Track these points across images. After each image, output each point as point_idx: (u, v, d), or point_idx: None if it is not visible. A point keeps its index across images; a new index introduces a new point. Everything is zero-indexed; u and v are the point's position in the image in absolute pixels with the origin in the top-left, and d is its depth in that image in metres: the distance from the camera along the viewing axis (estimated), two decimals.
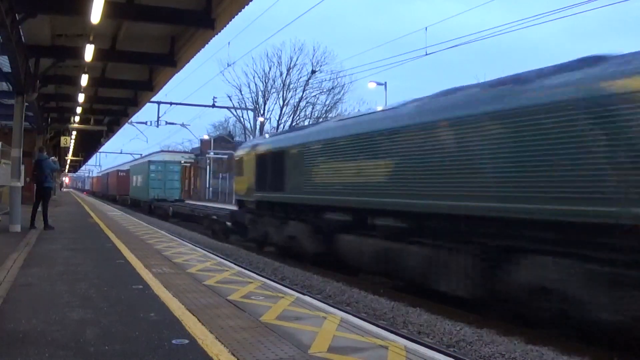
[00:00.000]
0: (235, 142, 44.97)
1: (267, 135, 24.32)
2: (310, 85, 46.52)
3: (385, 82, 31.57)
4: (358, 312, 8.94)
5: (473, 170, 8.17)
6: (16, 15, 11.10)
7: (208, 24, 12.30)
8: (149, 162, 38.39)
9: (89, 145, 44.10)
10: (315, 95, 47.26)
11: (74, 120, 27.28)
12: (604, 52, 7.22)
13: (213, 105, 38.24)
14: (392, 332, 6.03)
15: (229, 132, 52.30)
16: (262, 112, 46.98)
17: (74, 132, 31.66)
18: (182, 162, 44.22)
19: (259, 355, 4.23)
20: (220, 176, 49.41)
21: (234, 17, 12.23)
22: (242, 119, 49.22)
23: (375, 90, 33.85)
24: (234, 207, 19.68)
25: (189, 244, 13.04)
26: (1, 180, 18.53)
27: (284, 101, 47.97)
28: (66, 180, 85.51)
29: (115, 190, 53.19)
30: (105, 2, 9.85)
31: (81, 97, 20.10)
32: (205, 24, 12.38)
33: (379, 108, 14.16)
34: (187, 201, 38.60)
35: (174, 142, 67.00)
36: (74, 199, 44.58)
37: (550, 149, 6.98)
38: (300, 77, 47.14)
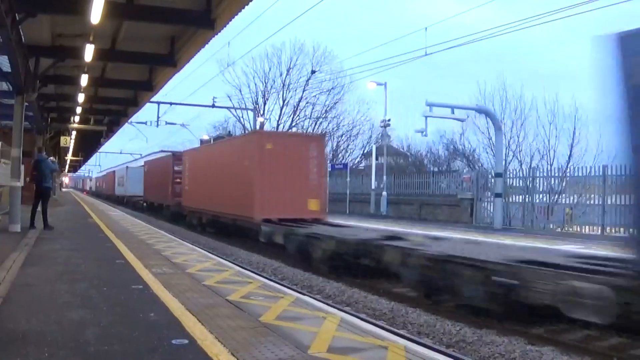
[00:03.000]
0: None
1: None
2: (310, 86, 46.52)
3: (385, 82, 31.52)
4: (358, 312, 8.95)
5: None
6: (16, 15, 11.09)
7: (208, 24, 12.31)
8: None
9: (88, 145, 44.11)
10: (315, 96, 47.27)
11: (73, 120, 27.28)
12: None
13: (213, 106, 38.18)
14: (391, 332, 6.04)
15: (229, 132, 52.27)
16: (262, 112, 46.99)
17: (74, 132, 31.68)
18: None
19: (259, 356, 4.23)
20: None
21: (233, 17, 12.24)
22: (242, 119, 49.25)
23: (375, 90, 33.77)
24: None
25: (189, 244, 13.04)
26: (1, 180, 18.52)
27: (283, 101, 48.02)
28: (66, 180, 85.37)
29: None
30: (105, 2, 9.86)
31: (81, 97, 20.12)
32: (205, 24, 12.39)
33: None
34: None
35: (173, 142, 66.83)
36: (74, 199, 44.59)
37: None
38: (300, 77, 47.16)
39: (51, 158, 17.49)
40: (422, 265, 9.76)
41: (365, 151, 49.42)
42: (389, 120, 33.22)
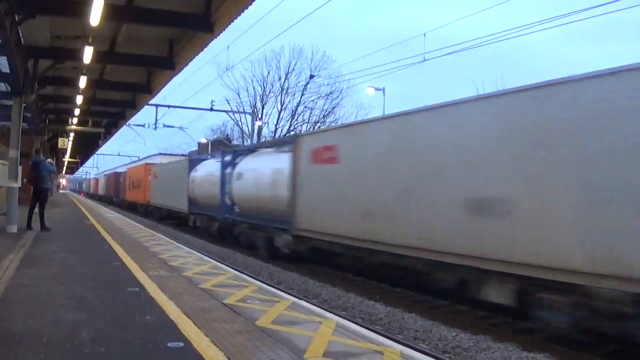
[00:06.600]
0: (233, 146, 45.04)
1: None
2: (308, 90, 46.49)
3: (384, 88, 31.54)
4: (354, 317, 8.95)
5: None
6: (15, 16, 11.09)
7: (207, 27, 12.30)
8: None
9: (86, 147, 44.00)
10: (313, 100, 47.21)
11: (71, 122, 27.20)
12: None
13: (211, 109, 38.05)
14: (387, 337, 6.04)
15: (227, 135, 52.29)
16: (260, 116, 46.93)
17: (72, 134, 31.60)
18: None
19: None
20: None
21: (232, 21, 12.24)
22: (240, 123, 49.23)
23: (373, 95, 33.82)
24: None
25: (186, 247, 13.03)
26: None
27: (282, 105, 47.95)
28: (64, 181, 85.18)
29: None
30: (105, 4, 9.85)
31: (79, 99, 20.04)
32: (204, 27, 12.38)
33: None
34: None
35: (171, 145, 66.79)
36: (71, 201, 44.50)
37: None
38: (299, 82, 47.10)
39: (49, 160, 17.47)
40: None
41: None
42: None
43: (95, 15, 10.14)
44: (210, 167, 21.69)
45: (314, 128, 43.58)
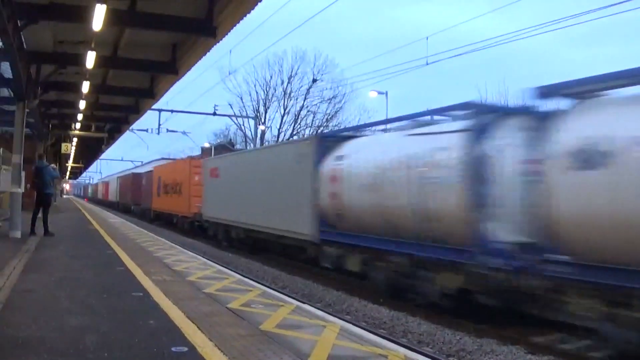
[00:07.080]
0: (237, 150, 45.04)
1: None
2: (311, 94, 46.49)
3: (387, 91, 31.52)
4: (358, 321, 8.93)
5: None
6: (18, 21, 11.13)
7: (209, 32, 12.31)
8: None
9: (89, 152, 44.09)
10: (316, 104, 47.20)
11: (75, 127, 27.28)
12: None
13: (214, 113, 38.06)
14: (391, 341, 6.03)
15: (230, 140, 52.31)
16: (263, 120, 46.94)
17: (75, 139, 31.65)
18: None
19: None
20: None
21: (235, 25, 12.26)
22: (243, 127, 49.26)
23: (376, 98, 33.85)
24: None
25: (189, 252, 13.02)
26: (2, 186, 18.52)
27: (285, 109, 47.94)
28: (67, 187, 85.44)
29: None
30: (107, 9, 9.87)
31: (82, 104, 20.11)
32: (206, 32, 12.39)
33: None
34: None
35: (175, 150, 66.69)
36: (75, 206, 44.57)
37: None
38: (302, 86, 47.11)
39: (52, 165, 17.50)
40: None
41: None
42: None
43: (98, 21, 10.17)
44: (398, 147, 10.37)
45: (317, 132, 43.63)
